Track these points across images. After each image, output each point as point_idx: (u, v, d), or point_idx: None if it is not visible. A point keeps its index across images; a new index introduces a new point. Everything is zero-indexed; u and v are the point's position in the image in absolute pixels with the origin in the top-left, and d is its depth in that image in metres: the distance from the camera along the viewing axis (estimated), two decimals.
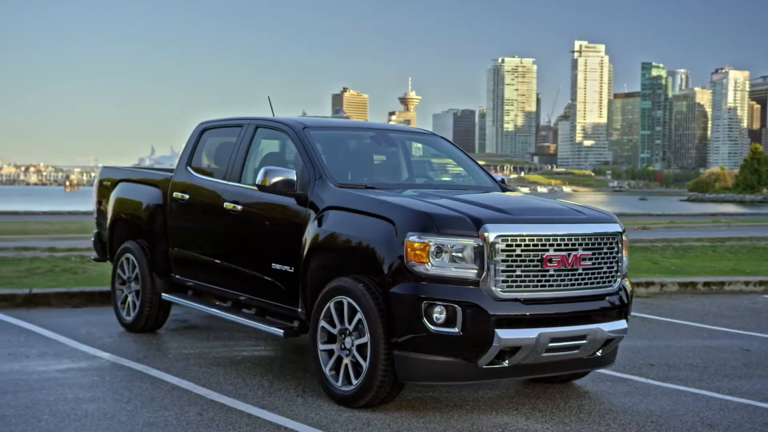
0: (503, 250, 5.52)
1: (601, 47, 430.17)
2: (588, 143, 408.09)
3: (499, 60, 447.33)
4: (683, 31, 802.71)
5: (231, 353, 7.54)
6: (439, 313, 5.42)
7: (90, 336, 8.09)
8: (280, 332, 6.48)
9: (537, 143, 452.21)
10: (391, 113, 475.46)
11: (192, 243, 7.74)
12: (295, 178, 6.50)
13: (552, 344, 5.59)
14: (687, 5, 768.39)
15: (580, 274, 5.78)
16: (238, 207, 7.02)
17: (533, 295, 5.60)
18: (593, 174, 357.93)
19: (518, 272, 5.55)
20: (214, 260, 7.37)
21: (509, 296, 5.51)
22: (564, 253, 5.69)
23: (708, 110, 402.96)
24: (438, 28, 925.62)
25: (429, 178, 7.82)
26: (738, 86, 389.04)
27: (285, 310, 6.61)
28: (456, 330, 5.41)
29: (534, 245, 5.62)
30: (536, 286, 5.61)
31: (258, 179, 6.56)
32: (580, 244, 5.79)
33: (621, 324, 5.99)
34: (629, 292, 6.18)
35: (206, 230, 7.53)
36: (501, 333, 5.41)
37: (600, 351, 5.98)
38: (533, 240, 5.62)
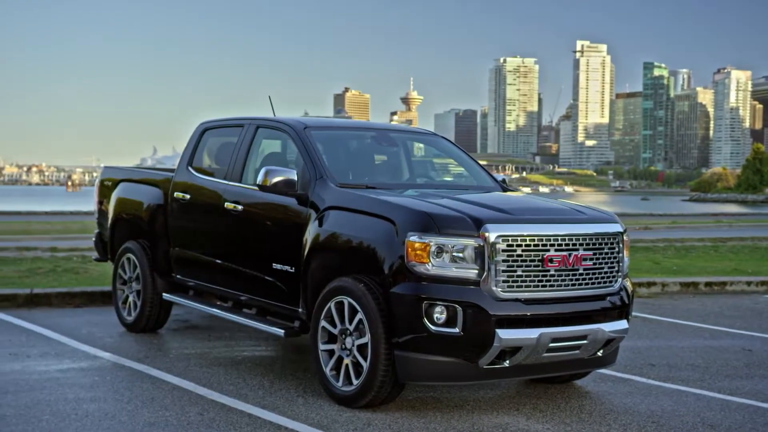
0: (504, 250, 5.51)
1: (603, 47, 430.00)
2: (590, 143, 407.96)
3: (501, 60, 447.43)
4: (685, 31, 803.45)
5: (232, 353, 7.54)
6: (440, 313, 5.42)
7: (91, 336, 8.09)
8: (281, 332, 6.48)
9: (539, 143, 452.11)
10: (393, 113, 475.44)
11: (193, 243, 7.74)
12: (296, 178, 6.50)
13: (553, 344, 5.58)
14: (689, 5, 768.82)
15: (581, 274, 5.78)
16: (239, 207, 7.02)
17: (534, 295, 5.59)
18: (595, 174, 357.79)
19: (519, 272, 5.55)
20: (215, 260, 7.37)
21: (510, 296, 5.51)
22: (565, 253, 5.68)
23: (710, 110, 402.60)
24: (440, 28, 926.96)
25: (430, 178, 7.82)
26: (740, 86, 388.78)
27: (286, 310, 6.61)
28: (457, 330, 5.40)
29: (535, 245, 5.61)
30: (537, 286, 5.60)
31: (259, 179, 6.56)
32: (581, 244, 5.79)
33: (622, 324, 5.99)
34: (630, 292, 6.17)
35: (207, 230, 7.53)
36: (502, 333, 5.41)
37: (601, 351, 5.98)
38: (534, 240, 5.62)
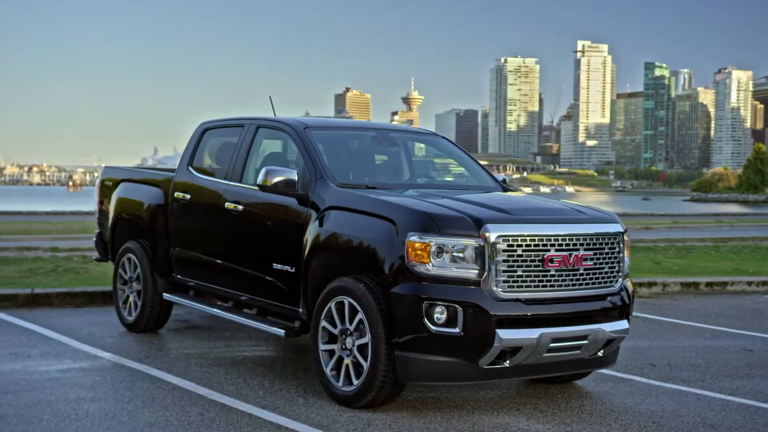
0: (504, 250, 5.51)
1: (604, 47, 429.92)
2: (591, 143, 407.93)
3: (502, 60, 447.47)
4: (686, 31, 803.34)
5: (232, 353, 7.54)
6: (440, 314, 5.41)
7: (92, 336, 8.09)
8: (281, 332, 6.47)
9: (540, 143, 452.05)
10: (394, 113, 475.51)
11: (193, 243, 7.74)
12: (297, 178, 6.50)
13: (553, 344, 5.58)
14: (690, 5, 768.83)
15: (582, 274, 5.77)
16: (240, 207, 7.02)
17: (534, 296, 5.59)
18: (596, 174, 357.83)
19: (519, 272, 5.54)
20: (216, 260, 7.37)
21: (510, 296, 5.51)
22: (565, 253, 5.68)
23: (711, 110, 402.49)
24: (441, 28, 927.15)
25: (430, 179, 7.81)
26: (741, 86, 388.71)
27: (286, 310, 6.61)
28: (457, 330, 5.40)
29: (535, 245, 5.61)
30: (537, 287, 5.60)
31: (259, 179, 6.55)
32: (582, 244, 5.78)
33: (622, 324, 5.98)
34: (631, 293, 6.17)
35: (207, 230, 7.53)
36: (502, 333, 5.41)
37: (601, 351, 5.97)
38: (534, 240, 5.61)
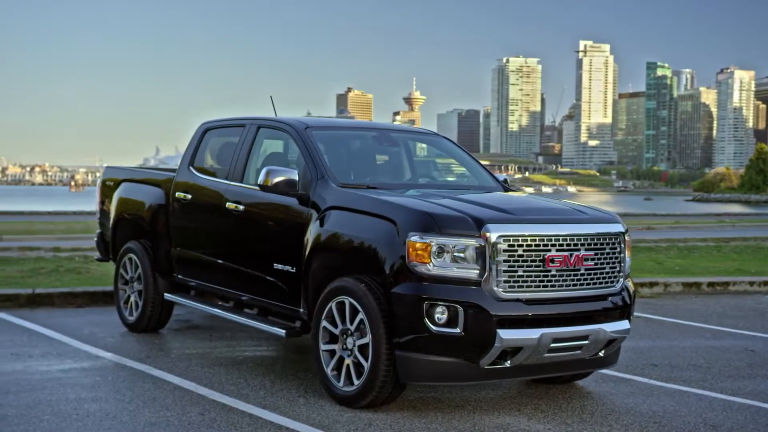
0: (505, 251, 5.50)
1: (606, 47, 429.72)
2: (593, 143, 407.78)
3: (504, 60, 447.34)
4: (688, 31, 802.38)
5: (233, 353, 7.54)
6: (441, 314, 5.41)
7: (93, 336, 8.09)
8: (282, 332, 6.47)
9: (541, 143, 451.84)
10: (396, 113, 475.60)
11: (194, 243, 7.74)
12: (297, 178, 6.50)
13: (554, 345, 5.57)
14: (692, 5, 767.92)
15: (583, 275, 5.77)
16: (240, 207, 7.02)
17: (535, 296, 5.58)
18: (598, 174, 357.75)
19: (520, 272, 5.54)
20: (217, 260, 7.37)
21: (511, 296, 5.50)
22: (566, 254, 5.67)
23: (713, 110, 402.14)
24: (442, 28, 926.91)
25: (431, 179, 7.80)
26: (743, 86, 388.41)
27: (287, 311, 6.61)
28: (458, 330, 5.39)
29: (536, 245, 5.60)
30: (538, 287, 5.59)
31: (260, 179, 6.55)
32: (583, 245, 5.78)
33: (624, 324, 5.98)
34: (632, 293, 6.16)
35: (208, 230, 7.53)
36: (503, 333, 5.40)
37: (602, 351, 5.97)
38: (535, 240, 5.61)
